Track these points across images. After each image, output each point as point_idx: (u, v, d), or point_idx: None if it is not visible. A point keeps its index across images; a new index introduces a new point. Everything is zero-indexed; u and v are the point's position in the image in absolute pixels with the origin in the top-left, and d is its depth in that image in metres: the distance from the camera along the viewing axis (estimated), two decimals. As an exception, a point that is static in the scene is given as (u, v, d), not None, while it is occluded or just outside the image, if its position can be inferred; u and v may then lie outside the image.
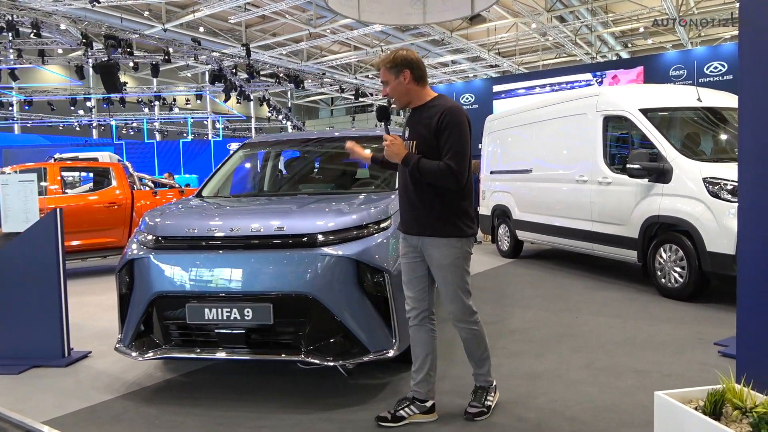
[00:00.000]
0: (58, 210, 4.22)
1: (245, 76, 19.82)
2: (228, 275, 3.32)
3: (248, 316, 3.26)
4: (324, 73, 25.18)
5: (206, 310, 3.30)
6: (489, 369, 3.18)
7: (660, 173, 5.73)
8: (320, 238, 3.33)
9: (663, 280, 5.79)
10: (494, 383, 3.23)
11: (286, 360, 3.28)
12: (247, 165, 5.34)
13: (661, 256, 5.78)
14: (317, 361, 3.21)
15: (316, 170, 5.22)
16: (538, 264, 8.18)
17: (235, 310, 3.27)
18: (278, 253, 3.32)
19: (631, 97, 6.48)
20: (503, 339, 4.50)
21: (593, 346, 4.28)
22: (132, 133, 29.53)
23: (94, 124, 27.28)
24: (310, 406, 3.30)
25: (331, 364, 3.23)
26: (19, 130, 26.67)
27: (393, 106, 3.24)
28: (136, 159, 20.87)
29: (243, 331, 3.29)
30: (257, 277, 3.29)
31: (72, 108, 24.03)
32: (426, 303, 3.06)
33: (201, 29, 22.08)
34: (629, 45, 25.67)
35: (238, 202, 4.36)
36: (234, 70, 19.59)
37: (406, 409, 3.00)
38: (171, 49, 18.21)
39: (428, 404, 3.04)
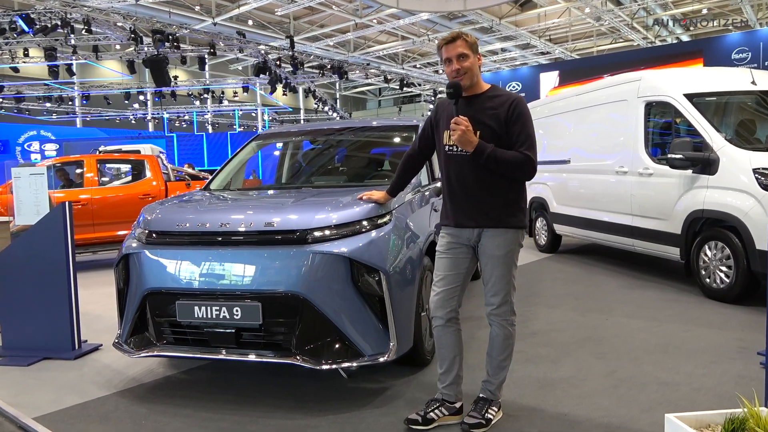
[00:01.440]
0: (66, 203, 4.21)
1: (290, 68, 19.89)
2: (217, 272, 3.19)
3: (237, 315, 3.14)
4: (368, 64, 25.01)
5: (196, 308, 3.20)
6: (502, 383, 2.96)
7: (705, 163, 5.25)
8: (311, 234, 3.15)
9: (707, 280, 5.32)
10: (500, 400, 2.99)
11: (276, 362, 3.13)
12: (264, 156, 5.22)
13: (706, 254, 5.31)
14: (307, 365, 3.04)
15: (330, 162, 5.03)
16: (575, 260, 7.76)
17: (224, 308, 3.15)
18: (268, 250, 3.16)
19: (675, 81, 5.97)
20: (521, 342, 4.19)
21: (619, 352, 3.94)
22: (184, 125, 30.31)
23: (148, 117, 28.15)
24: (301, 410, 3.14)
25: (325, 368, 3.06)
26: (81, 124, 27.84)
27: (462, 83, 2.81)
28: (186, 151, 21.35)
29: (233, 331, 3.17)
30: (246, 274, 3.14)
31: (126, 102, 24.84)
32: (455, 302, 2.91)
33: (250, 22, 22.33)
34: (691, 28, 24.27)
35: (241, 195, 4.24)
36: (278, 62, 19.67)
37: (436, 411, 2.87)
38: (222, 43, 18.50)
39: (457, 405, 2.92)
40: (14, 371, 3.96)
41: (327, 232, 3.17)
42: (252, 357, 3.16)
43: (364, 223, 3.26)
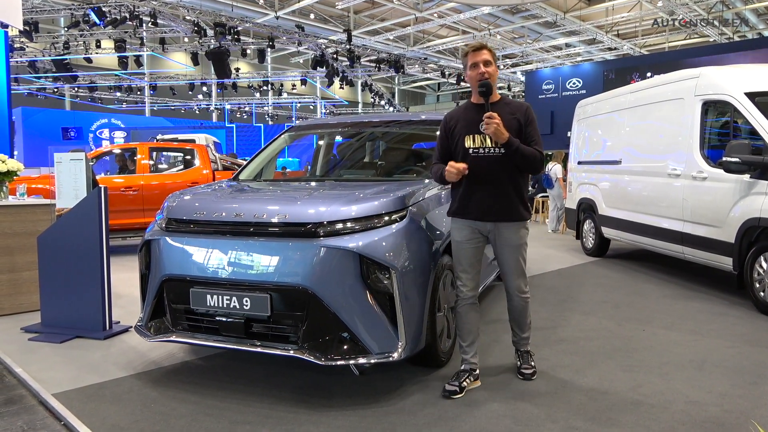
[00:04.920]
0: (102, 188, 4.35)
1: (347, 61, 20.01)
2: (229, 262, 3.20)
3: (247, 305, 3.14)
4: (425, 58, 24.81)
5: (208, 296, 3.23)
6: (529, 336, 3.55)
7: (764, 168, 4.87)
8: (322, 228, 3.11)
9: (761, 294, 4.95)
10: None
11: (282, 355, 3.11)
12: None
13: (761, 266, 4.94)
14: (311, 359, 3.01)
15: (360, 156, 4.98)
16: (622, 265, 7.40)
17: (234, 298, 3.17)
18: (278, 242, 3.15)
19: (736, 78, 5.55)
20: (547, 348, 4.03)
21: (650, 365, 3.70)
22: (245, 117, 31.07)
23: (211, 108, 29.02)
24: (305, 404, 3.12)
25: (329, 364, 3.02)
26: (149, 113, 29.04)
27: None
28: (245, 141, 21.88)
29: (242, 321, 3.18)
30: (257, 265, 3.14)
31: (190, 92, 25.70)
32: (479, 285, 3.40)
33: (312, 16, 22.58)
34: (775, 23, 22.69)
35: (263, 186, 4.25)
36: (335, 56, 19.82)
37: (467, 379, 3.27)
38: (282, 36, 18.81)
39: (477, 372, 3.38)
40: (46, 347, 4.14)
41: (338, 227, 3.13)
42: (259, 348, 3.16)
43: (377, 218, 3.19)
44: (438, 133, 3.48)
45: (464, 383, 3.23)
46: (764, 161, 4.85)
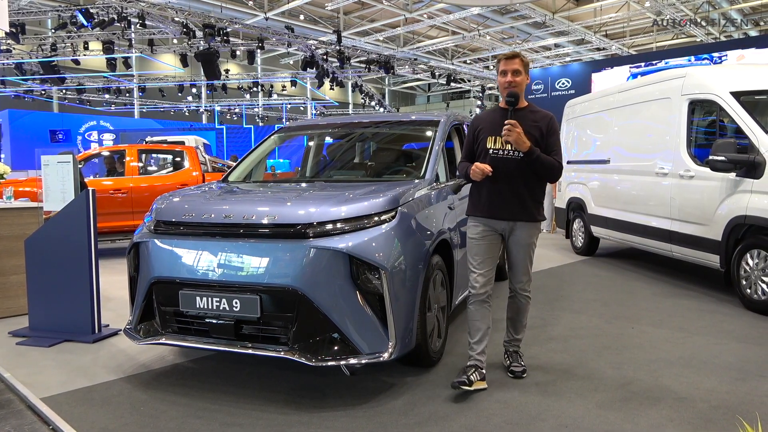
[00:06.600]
0: (90, 190, 4.33)
1: (337, 62, 19.98)
2: (218, 264, 3.19)
3: (236, 307, 3.14)
4: (416, 59, 24.83)
5: (198, 298, 3.21)
6: (523, 337, 3.65)
7: (750, 167, 4.92)
8: (311, 229, 3.11)
9: (748, 291, 5.00)
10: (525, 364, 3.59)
11: (273, 356, 3.11)
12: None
13: (747, 263, 4.99)
14: (301, 360, 3.01)
15: (349, 156, 4.98)
16: (611, 264, 7.45)
17: (224, 300, 3.16)
18: (267, 244, 3.15)
19: (722, 78, 5.61)
20: (536, 347, 4.06)
21: (639, 363, 3.73)
22: (235, 118, 30.95)
23: (201, 110, 28.89)
24: (296, 405, 3.12)
25: (319, 364, 3.02)
26: (138, 115, 28.85)
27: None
28: (235, 143, 21.80)
29: (232, 322, 3.17)
30: (246, 267, 3.14)
31: (180, 94, 25.56)
32: (492, 281, 3.40)
33: (301, 17, 22.53)
34: (761, 23, 22.90)
35: (253, 187, 4.24)
36: (325, 57, 19.79)
37: (474, 374, 3.28)
38: (274, 38, 18.75)
39: (484, 371, 3.36)
40: (35, 351, 4.11)
41: (328, 227, 3.13)
42: (249, 350, 3.15)
43: (367, 218, 3.20)
44: (466, 133, 3.65)
45: (471, 377, 3.26)
46: (750, 159, 4.90)
